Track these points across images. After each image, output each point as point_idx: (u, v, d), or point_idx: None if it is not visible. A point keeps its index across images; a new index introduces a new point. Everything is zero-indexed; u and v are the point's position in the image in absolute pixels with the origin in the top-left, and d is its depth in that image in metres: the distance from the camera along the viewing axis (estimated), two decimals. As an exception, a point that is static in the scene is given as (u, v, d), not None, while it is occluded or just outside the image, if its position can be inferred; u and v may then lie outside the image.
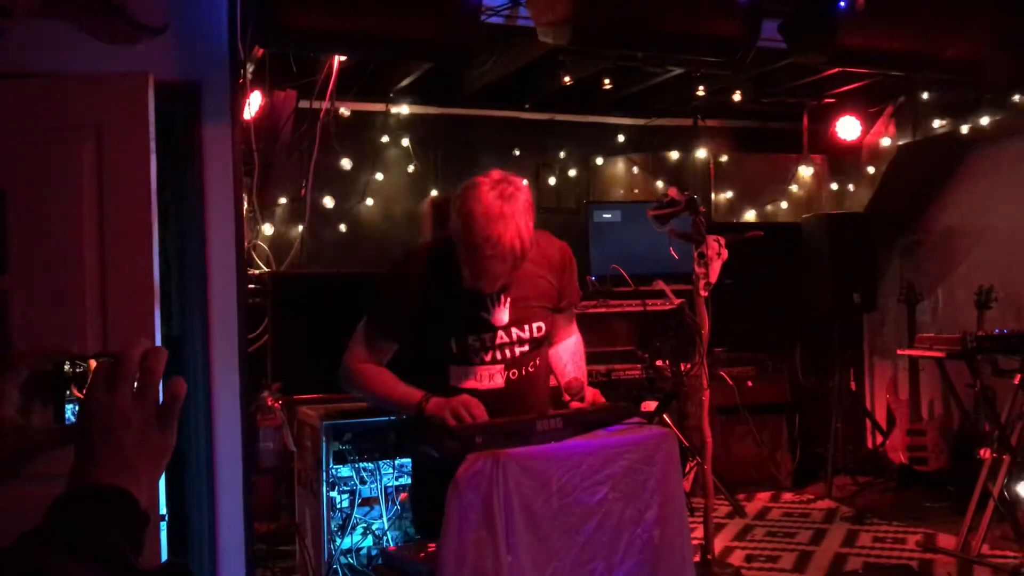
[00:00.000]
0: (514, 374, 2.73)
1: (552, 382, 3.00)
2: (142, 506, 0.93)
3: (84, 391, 1.00)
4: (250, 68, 4.21)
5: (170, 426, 0.99)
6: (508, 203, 2.49)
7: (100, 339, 3.04)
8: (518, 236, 2.48)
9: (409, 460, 3.65)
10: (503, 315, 2.69)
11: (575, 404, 2.72)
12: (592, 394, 2.72)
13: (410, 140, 6.14)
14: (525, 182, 2.65)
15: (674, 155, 6.79)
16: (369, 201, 6.07)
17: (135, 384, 0.98)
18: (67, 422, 1.02)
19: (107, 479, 0.92)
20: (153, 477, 0.98)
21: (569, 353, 2.98)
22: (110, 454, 0.94)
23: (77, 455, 0.95)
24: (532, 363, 2.78)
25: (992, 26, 4.28)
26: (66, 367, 1.02)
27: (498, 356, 2.70)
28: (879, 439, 6.35)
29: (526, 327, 2.72)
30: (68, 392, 1.02)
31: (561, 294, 2.83)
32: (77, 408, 1.01)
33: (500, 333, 2.69)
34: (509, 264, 2.52)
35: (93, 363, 1.03)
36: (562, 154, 6.60)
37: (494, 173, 2.57)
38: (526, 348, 2.74)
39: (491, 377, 2.70)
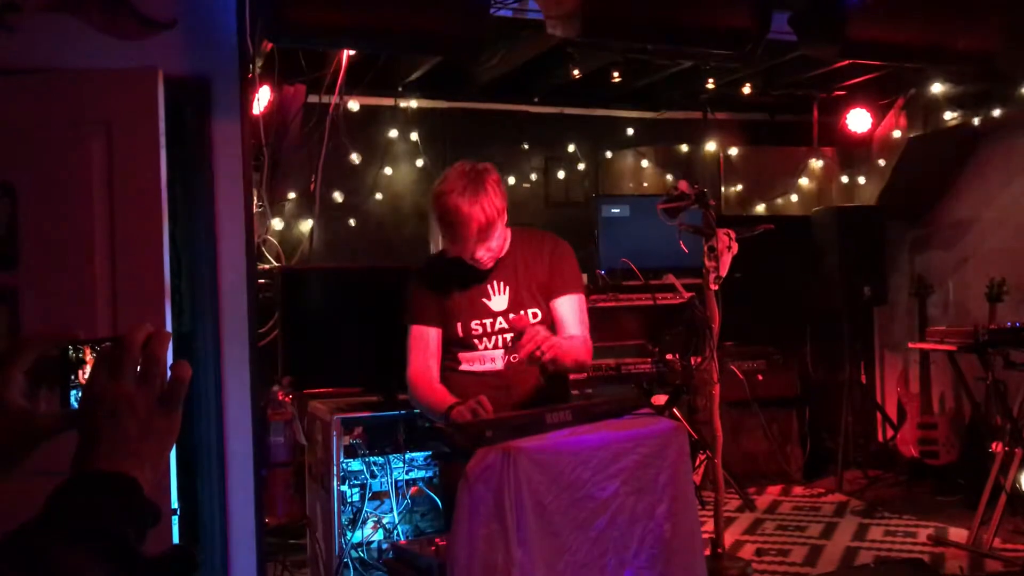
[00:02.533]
0: (514, 358, 2.94)
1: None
2: (146, 491, 0.93)
3: (87, 377, 1.00)
4: (259, 63, 4.20)
5: (175, 410, 0.99)
6: (470, 181, 2.87)
7: (110, 334, 3.05)
8: (479, 206, 2.84)
9: (419, 455, 3.68)
10: (502, 302, 2.99)
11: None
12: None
13: (419, 134, 6.13)
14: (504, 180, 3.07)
15: (684, 148, 6.77)
16: (378, 196, 6.08)
17: (138, 368, 0.98)
18: (72, 408, 1.02)
19: (110, 464, 0.92)
20: (158, 461, 0.97)
21: (568, 337, 2.98)
22: (113, 439, 0.94)
23: (80, 440, 0.95)
24: None
25: (1004, 17, 4.25)
26: (71, 353, 1.02)
27: (498, 342, 2.98)
28: (890, 433, 6.33)
29: (523, 313, 2.98)
30: (73, 378, 1.02)
31: (550, 275, 3.03)
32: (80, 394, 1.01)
33: (500, 319, 2.98)
34: (473, 229, 2.85)
35: (96, 348, 1.02)
36: (571, 147, 6.59)
37: (460, 163, 2.96)
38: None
39: (492, 360, 2.98)
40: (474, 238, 2.88)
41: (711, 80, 6.12)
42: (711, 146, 6.76)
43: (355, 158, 5.89)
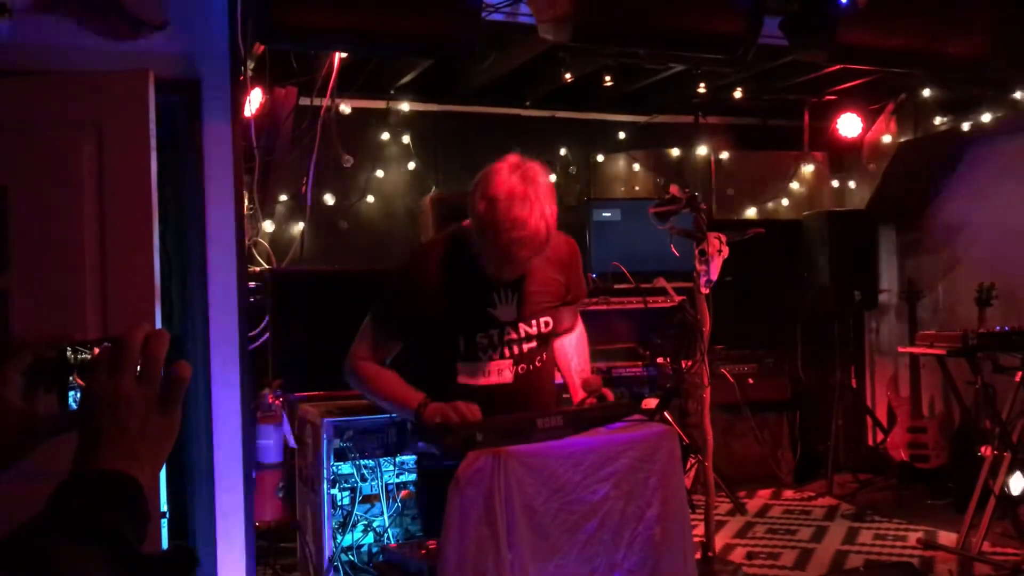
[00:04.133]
0: (522, 369, 2.72)
1: (557, 377, 3.00)
2: (146, 490, 0.93)
3: (87, 377, 1.00)
4: (250, 65, 4.20)
5: (174, 410, 0.99)
6: (531, 186, 2.46)
7: (101, 336, 3.04)
8: (542, 218, 2.45)
9: (410, 458, 3.66)
10: (511, 311, 2.68)
11: (591, 401, 2.72)
12: (609, 394, 2.77)
13: (410, 137, 6.13)
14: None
15: (675, 152, 6.78)
16: (370, 198, 6.07)
17: (137, 368, 0.98)
18: (71, 408, 1.02)
19: (110, 464, 0.92)
20: (157, 461, 0.97)
21: (573, 346, 2.98)
22: (113, 439, 0.94)
23: (80, 440, 0.95)
24: (539, 358, 2.78)
25: (993, 23, 4.27)
26: (69, 353, 1.02)
27: (506, 352, 2.69)
28: (880, 436, 6.35)
29: (533, 323, 2.72)
30: (71, 378, 1.02)
31: (568, 289, 2.83)
32: (80, 394, 1.01)
33: (508, 329, 2.68)
34: (534, 247, 2.49)
35: (96, 349, 1.02)
36: (563, 151, 6.59)
37: (512, 157, 2.54)
38: (533, 344, 2.74)
39: (499, 372, 2.69)
40: (529, 259, 2.53)
41: (702, 84, 6.13)
42: (702, 150, 6.77)
43: (347, 160, 5.88)
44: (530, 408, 2.65)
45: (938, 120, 6.04)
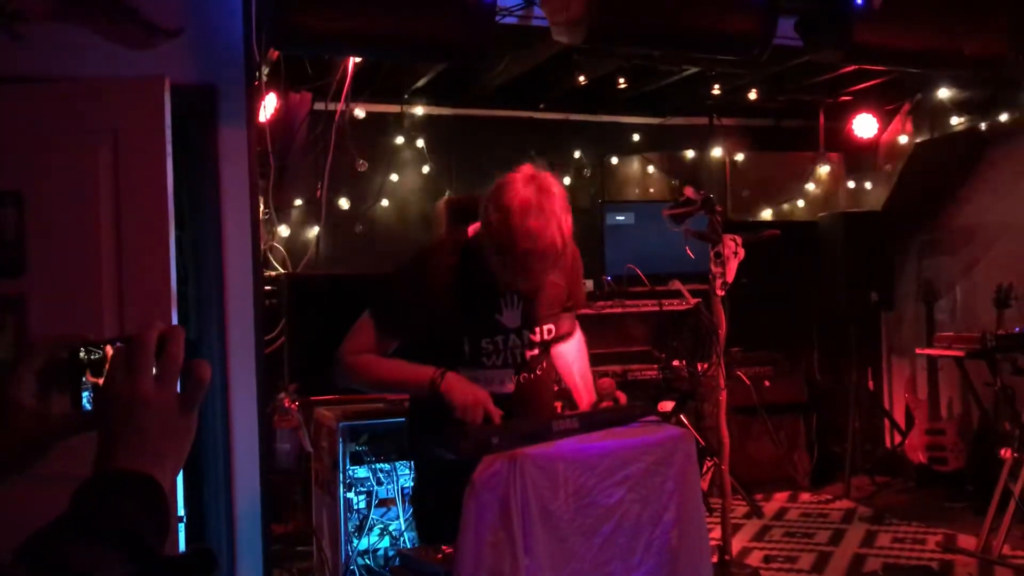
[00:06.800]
0: (524, 378, 2.71)
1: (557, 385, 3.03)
2: (165, 490, 0.93)
3: (103, 377, 1.00)
4: (265, 70, 4.22)
5: (192, 409, 0.98)
6: (546, 197, 2.42)
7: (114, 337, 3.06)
8: (558, 230, 2.41)
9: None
10: (516, 318, 2.66)
11: (606, 404, 2.74)
12: (622, 397, 2.78)
13: (425, 141, 6.14)
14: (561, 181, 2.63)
15: (690, 154, 6.76)
16: (384, 202, 6.08)
17: (154, 367, 0.97)
18: (84, 408, 1.02)
19: (130, 464, 0.92)
20: (177, 461, 0.97)
21: (574, 352, 2.98)
22: (132, 439, 0.94)
23: (99, 441, 0.94)
24: (540, 367, 2.78)
25: (1010, 22, 4.24)
26: (82, 353, 1.02)
27: (509, 360, 2.67)
28: (897, 439, 6.30)
29: (537, 330, 2.71)
30: (84, 379, 1.02)
31: (568, 295, 2.83)
32: (93, 394, 1.01)
33: (512, 336, 2.66)
34: (549, 260, 2.45)
35: (109, 349, 1.02)
36: (577, 154, 6.58)
37: (525, 168, 2.49)
38: (536, 352, 2.73)
39: (501, 382, 2.66)
40: (545, 272, 2.51)
41: (717, 86, 6.12)
42: (717, 152, 6.76)
43: (361, 165, 5.90)
44: (530, 416, 2.65)
45: (955, 120, 6.00)
